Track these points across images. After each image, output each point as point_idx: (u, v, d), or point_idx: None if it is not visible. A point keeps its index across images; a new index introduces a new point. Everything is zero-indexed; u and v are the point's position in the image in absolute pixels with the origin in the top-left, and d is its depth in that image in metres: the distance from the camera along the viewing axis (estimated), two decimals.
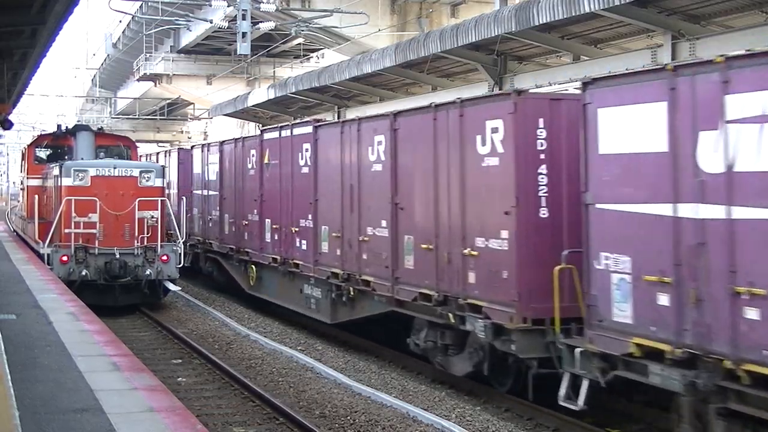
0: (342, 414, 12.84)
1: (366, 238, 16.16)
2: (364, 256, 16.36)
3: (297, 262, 19.42)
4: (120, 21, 51.24)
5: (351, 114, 29.34)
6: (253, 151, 22.38)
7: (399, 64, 23.63)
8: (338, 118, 30.74)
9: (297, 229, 19.52)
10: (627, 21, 17.18)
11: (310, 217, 18.73)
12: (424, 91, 26.33)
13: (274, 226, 20.81)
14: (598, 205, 10.62)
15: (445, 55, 21.85)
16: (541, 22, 17.83)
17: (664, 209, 9.58)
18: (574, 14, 16.90)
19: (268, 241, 21.27)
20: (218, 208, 25.26)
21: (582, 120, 10.88)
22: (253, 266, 22.34)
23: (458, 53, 21.48)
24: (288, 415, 12.51)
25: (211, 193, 26.16)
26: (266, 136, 21.59)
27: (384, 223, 15.52)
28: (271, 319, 21.92)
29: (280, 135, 20.63)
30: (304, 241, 19.20)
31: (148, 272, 21.99)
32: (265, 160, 21.36)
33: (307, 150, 18.87)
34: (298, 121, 18.63)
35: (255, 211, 22.05)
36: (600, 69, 17.63)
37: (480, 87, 21.98)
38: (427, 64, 23.46)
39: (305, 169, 18.99)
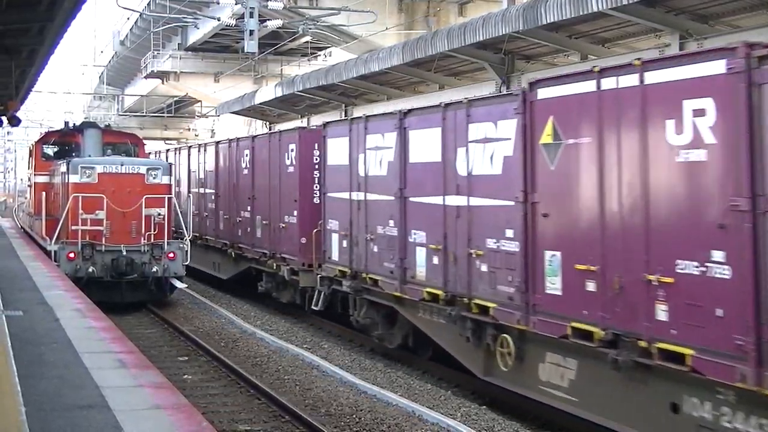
0: (347, 412, 12.84)
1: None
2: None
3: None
4: (128, 18, 51.30)
5: (358, 112, 29.35)
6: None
7: (406, 62, 23.62)
8: (345, 116, 30.76)
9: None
10: (635, 20, 17.15)
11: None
12: (432, 90, 26.31)
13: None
14: None
15: (453, 54, 21.83)
16: (548, 21, 17.81)
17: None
18: (581, 13, 16.88)
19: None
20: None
21: None
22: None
23: (465, 52, 21.46)
24: (294, 413, 12.53)
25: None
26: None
27: None
28: (277, 317, 21.95)
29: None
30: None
31: (154, 269, 22.02)
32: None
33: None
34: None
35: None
36: None
37: (487, 86, 21.96)
38: (434, 62, 23.45)
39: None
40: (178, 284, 22.60)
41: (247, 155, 24.17)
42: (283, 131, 22.52)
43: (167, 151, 34.39)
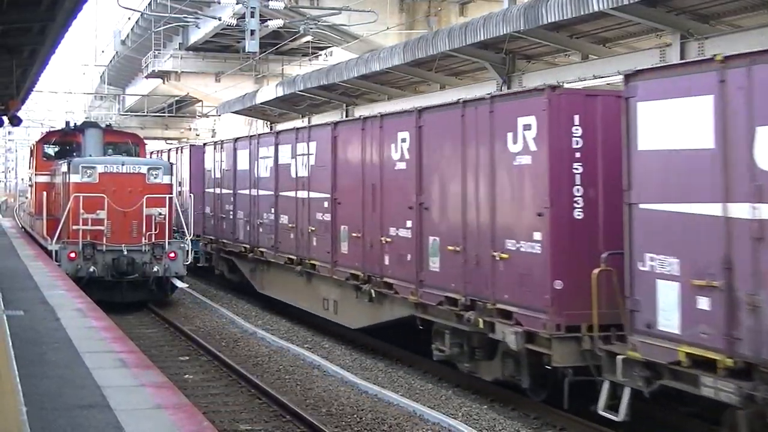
0: (349, 412, 12.84)
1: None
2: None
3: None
4: (129, 18, 51.35)
5: (358, 112, 29.34)
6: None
7: (407, 62, 23.62)
8: (346, 116, 30.76)
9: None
10: (636, 20, 17.15)
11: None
12: (433, 90, 26.31)
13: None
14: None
15: (454, 54, 21.84)
16: (549, 21, 17.81)
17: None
18: (582, 13, 16.88)
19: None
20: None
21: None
22: None
23: (466, 52, 21.46)
24: (295, 413, 12.52)
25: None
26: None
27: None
28: (278, 316, 21.94)
29: None
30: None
31: (155, 269, 22.02)
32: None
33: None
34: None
35: None
36: (609, 68, 17.63)
37: (488, 86, 21.95)
38: (435, 62, 23.45)
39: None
40: (179, 284, 22.60)
41: (403, 140, 15.58)
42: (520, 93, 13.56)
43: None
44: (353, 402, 13.37)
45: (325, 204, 18.57)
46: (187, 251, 22.77)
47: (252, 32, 28.03)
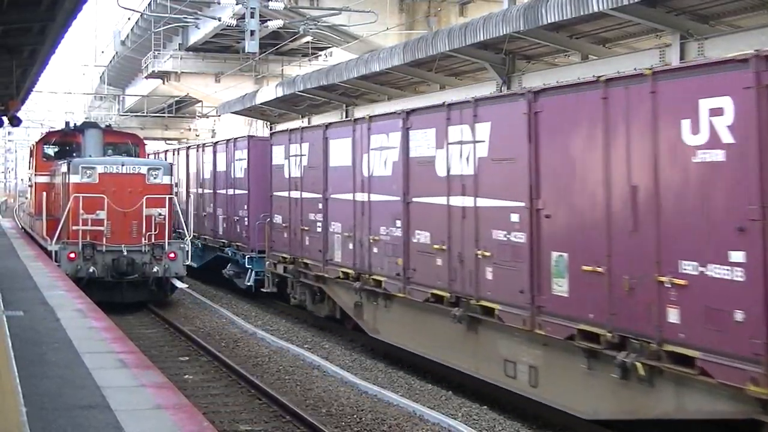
0: (348, 412, 12.85)
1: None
2: None
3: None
4: (129, 18, 51.34)
5: (359, 113, 29.34)
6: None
7: (407, 62, 23.60)
8: (346, 116, 30.75)
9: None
10: (635, 20, 17.14)
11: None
12: (433, 90, 26.30)
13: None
14: None
15: (454, 54, 21.82)
16: (549, 22, 17.80)
17: None
18: (582, 14, 16.86)
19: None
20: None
21: None
22: None
23: (466, 52, 21.45)
24: (295, 413, 12.53)
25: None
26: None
27: None
28: (278, 317, 21.94)
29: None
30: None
31: (155, 269, 22.03)
32: None
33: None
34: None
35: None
36: (608, 68, 17.58)
37: (488, 86, 21.95)
38: (435, 62, 23.43)
39: None
40: (179, 284, 22.60)
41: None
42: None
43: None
44: (353, 402, 13.37)
45: (516, 217, 12.35)
46: (187, 251, 22.79)
47: (252, 33, 28.01)
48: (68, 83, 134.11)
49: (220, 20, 33.77)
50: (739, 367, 8.81)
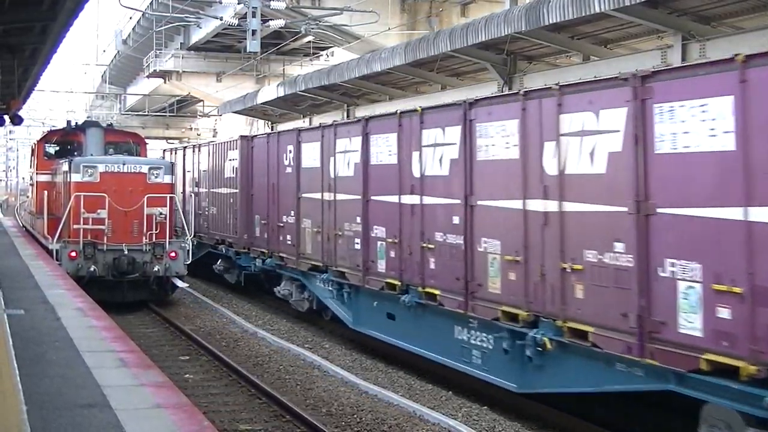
0: (349, 412, 12.85)
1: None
2: None
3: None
4: (130, 18, 51.32)
5: (360, 112, 29.35)
6: None
7: (408, 62, 23.58)
8: (347, 116, 30.75)
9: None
10: (637, 21, 17.12)
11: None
12: (434, 90, 26.30)
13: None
14: None
15: (455, 54, 21.80)
16: (551, 22, 17.78)
17: None
18: (584, 14, 16.84)
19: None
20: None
21: None
22: None
23: (468, 52, 21.43)
24: (295, 413, 12.53)
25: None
26: None
27: None
28: (278, 316, 21.95)
29: None
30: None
31: (156, 269, 22.04)
32: None
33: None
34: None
35: None
36: (610, 69, 17.58)
37: (489, 86, 21.94)
38: (436, 63, 23.42)
39: None
40: (180, 283, 22.62)
41: None
42: None
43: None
44: (353, 402, 13.37)
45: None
46: (188, 251, 22.80)
47: (253, 32, 28.01)
48: (70, 82, 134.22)
49: (221, 20, 33.77)
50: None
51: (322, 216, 18.65)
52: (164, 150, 36.64)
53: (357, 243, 17.01)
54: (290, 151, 20.66)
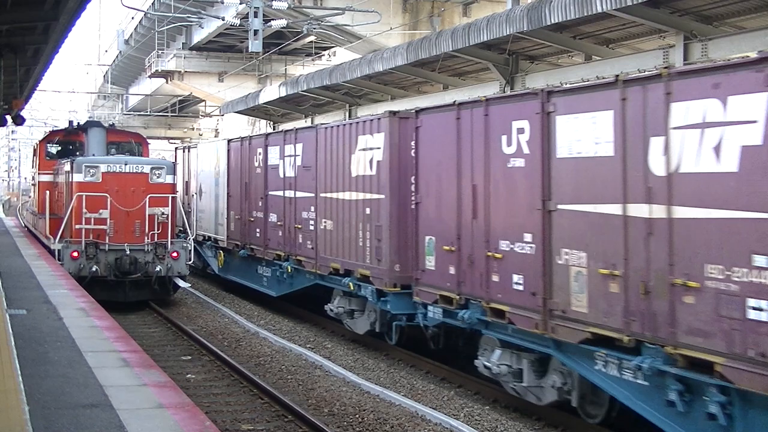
0: (351, 412, 12.85)
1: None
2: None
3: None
4: (132, 18, 51.37)
5: (362, 112, 29.35)
6: None
7: (410, 62, 23.61)
8: (350, 116, 30.76)
9: None
10: (639, 21, 17.13)
11: None
12: (436, 90, 26.32)
13: None
14: None
15: (457, 54, 21.82)
16: (553, 22, 17.80)
17: None
18: (586, 14, 16.86)
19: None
20: None
21: None
22: None
23: (470, 52, 21.45)
24: (297, 413, 12.52)
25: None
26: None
27: None
28: (280, 316, 21.94)
29: None
30: None
31: (158, 268, 22.04)
32: None
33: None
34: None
35: None
36: (612, 69, 17.60)
37: (491, 86, 21.95)
38: (438, 63, 23.44)
39: None
40: (182, 283, 22.62)
41: None
42: None
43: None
44: (355, 402, 13.37)
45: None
46: (190, 251, 22.82)
47: (255, 32, 28.01)
48: (72, 82, 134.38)
49: (223, 20, 33.77)
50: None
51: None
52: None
53: None
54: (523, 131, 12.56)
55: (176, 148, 32.70)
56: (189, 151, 31.05)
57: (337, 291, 18.56)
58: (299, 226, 20.24)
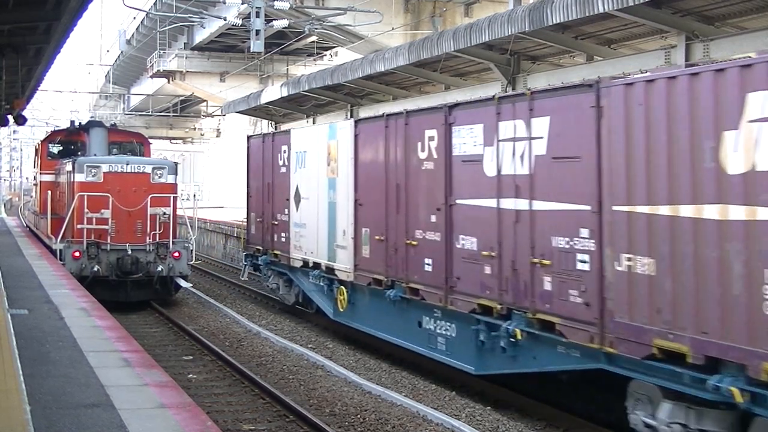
0: (352, 412, 12.85)
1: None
2: None
3: None
4: (134, 18, 51.44)
5: (363, 113, 29.35)
6: None
7: (412, 63, 23.57)
8: (351, 116, 30.75)
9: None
10: (641, 21, 17.11)
11: None
12: (437, 90, 26.30)
13: None
14: None
15: (459, 55, 21.80)
16: (554, 22, 17.77)
17: None
18: (587, 14, 16.83)
19: None
20: None
21: None
22: None
23: (471, 53, 21.42)
24: (298, 413, 12.53)
25: None
26: None
27: None
28: (281, 316, 21.94)
29: None
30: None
31: (159, 268, 22.06)
32: None
33: None
34: None
35: None
36: (613, 69, 17.58)
37: (493, 86, 21.93)
38: (440, 63, 23.42)
39: None
40: (183, 283, 22.63)
41: None
42: None
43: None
44: (357, 402, 13.37)
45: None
46: (192, 251, 22.82)
47: (257, 32, 28.04)
48: (73, 82, 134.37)
49: (225, 20, 33.79)
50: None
51: None
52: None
53: None
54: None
55: (249, 137, 24.52)
56: (272, 140, 22.47)
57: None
58: (545, 262, 11.97)
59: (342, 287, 18.28)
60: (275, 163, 21.91)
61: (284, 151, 21.31)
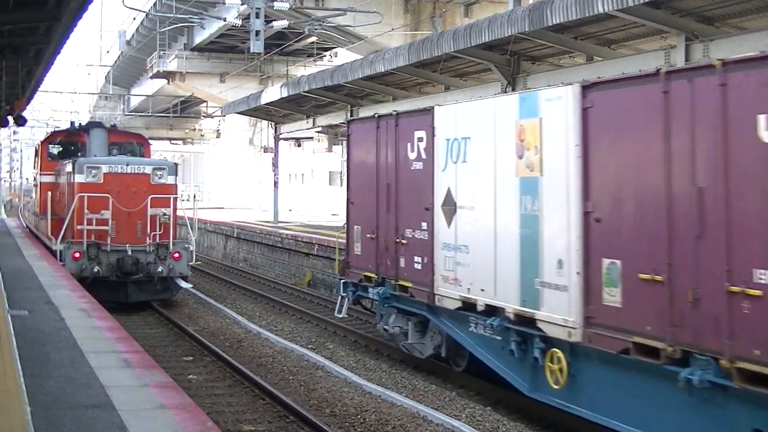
0: (352, 413, 12.85)
1: None
2: None
3: None
4: (134, 18, 51.49)
5: (363, 113, 29.35)
6: None
7: (412, 63, 23.59)
8: (351, 116, 30.75)
9: None
10: (641, 22, 17.12)
11: None
12: (438, 91, 26.31)
13: None
14: None
15: (459, 55, 21.81)
16: (554, 23, 17.78)
17: None
18: (587, 15, 16.84)
19: None
20: None
21: None
22: None
23: (471, 53, 21.44)
24: (298, 414, 12.53)
25: None
26: None
27: None
28: (282, 317, 21.95)
29: None
30: None
31: (159, 269, 22.05)
32: None
33: None
34: None
35: None
36: (613, 70, 17.60)
37: (493, 87, 21.94)
38: (440, 63, 23.43)
39: None
40: (184, 284, 22.62)
41: None
42: None
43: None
44: (357, 403, 13.37)
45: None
46: (192, 252, 22.82)
47: (257, 33, 28.08)
48: (73, 83, 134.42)
49: (225, 20, 33.82)
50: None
51: None
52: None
53: None
54: None
55: (349, 121, 18.83)
56: (395, 124, 15.88)
57: None
58: None
59: (556, 350, 11.77)
60: (402, 156, 15.64)
61: (420, 139, 15.06)
